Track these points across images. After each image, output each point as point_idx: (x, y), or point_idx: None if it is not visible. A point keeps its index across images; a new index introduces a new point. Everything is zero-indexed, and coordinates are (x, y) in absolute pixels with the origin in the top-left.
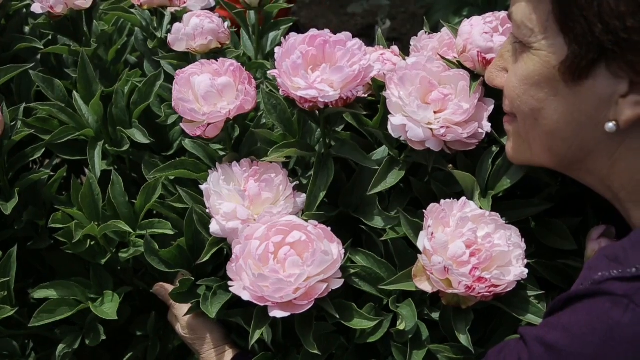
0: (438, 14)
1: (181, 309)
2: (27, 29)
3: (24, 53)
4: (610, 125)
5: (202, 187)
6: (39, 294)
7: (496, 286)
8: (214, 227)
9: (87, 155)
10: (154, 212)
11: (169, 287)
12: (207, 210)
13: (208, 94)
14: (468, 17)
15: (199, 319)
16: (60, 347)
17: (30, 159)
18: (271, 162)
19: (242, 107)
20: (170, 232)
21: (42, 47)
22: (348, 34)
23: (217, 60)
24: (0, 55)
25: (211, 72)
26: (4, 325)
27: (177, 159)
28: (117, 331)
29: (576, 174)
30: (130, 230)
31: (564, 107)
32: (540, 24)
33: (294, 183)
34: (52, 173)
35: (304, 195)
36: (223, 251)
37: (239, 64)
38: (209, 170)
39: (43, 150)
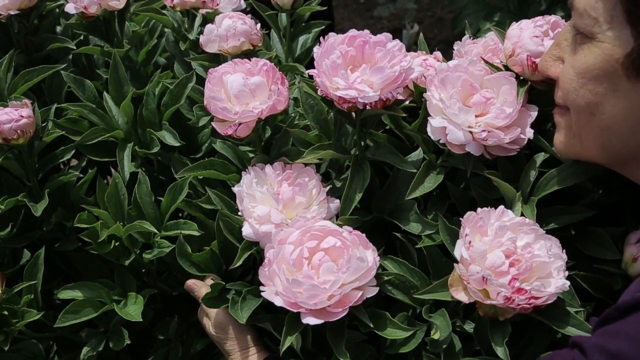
0: (467, 19)
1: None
2: (58, 28)
3: (56, 53)
4: None
5: (235, 189)
6: (64, 294)
7: (536, 298)
8: (246, 230)
9: (117, 156)
10: (180, 214)
11: (202, 285)
12: (239, 213)
13: (240, 93)
14: (499, 22)
15: (230, 319)
16: (85, 350)
17: (61, 160)
18: (305, 166)
19: (274, 107)
20: (196, 233)
21: (75, 48)
22: (388, 35)
23: (250, 60)
24: (32, 55)
25: (244, 71)
26: (29, 328)
27: (207, 159)
28: (139, 334)
29: (627, 170)
30: (155, 230)
31: (624, 103)
32: (606, 14)
33: (327, 187)
34: (81, 175)
35: (337, 201)
36: (251, 255)
37: (272, 64)
38: (243, 172)
39: (73, 151)
